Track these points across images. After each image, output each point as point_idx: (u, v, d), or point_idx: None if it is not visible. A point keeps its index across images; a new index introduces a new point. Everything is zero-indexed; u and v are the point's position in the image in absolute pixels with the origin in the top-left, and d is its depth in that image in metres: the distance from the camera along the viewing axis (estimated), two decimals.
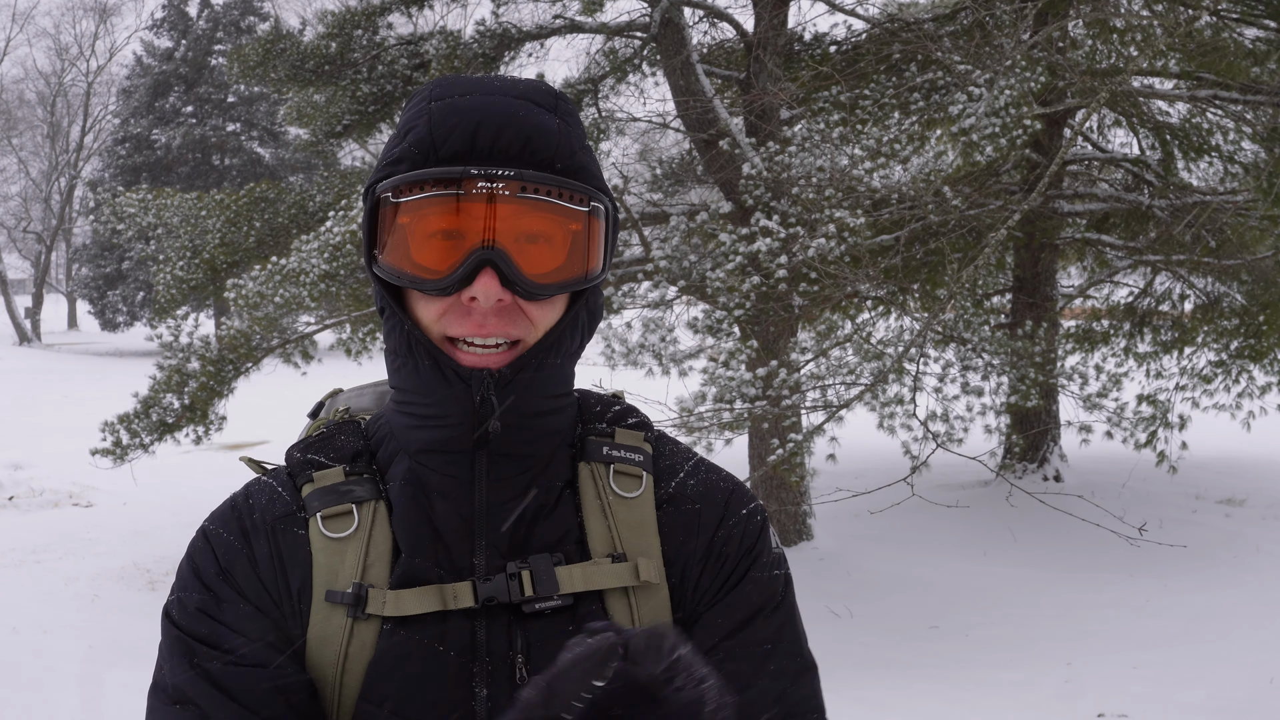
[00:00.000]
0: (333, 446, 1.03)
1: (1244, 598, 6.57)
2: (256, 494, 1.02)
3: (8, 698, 4.84)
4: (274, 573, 0.97)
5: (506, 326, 0.94)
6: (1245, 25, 7.78)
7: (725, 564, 1.02)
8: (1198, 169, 9.19)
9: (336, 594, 0.94)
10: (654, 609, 0.99)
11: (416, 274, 0.94)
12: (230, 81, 14.19)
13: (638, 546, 1.00)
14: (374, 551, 0.96)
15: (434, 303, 0.95)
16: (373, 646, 0.94)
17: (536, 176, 0.92)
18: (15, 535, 8.30)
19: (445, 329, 0.95)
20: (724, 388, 5.61)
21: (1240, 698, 4.91)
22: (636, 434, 1.06)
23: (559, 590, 0.95)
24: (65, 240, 37.71)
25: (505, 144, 0.92)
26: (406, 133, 0.95)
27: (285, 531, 0.98)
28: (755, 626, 1.00)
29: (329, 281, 6.87)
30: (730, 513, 1.04)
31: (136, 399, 7.27)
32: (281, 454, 1.09)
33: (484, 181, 0.90)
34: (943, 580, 7.10)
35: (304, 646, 0.95)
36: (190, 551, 1.00)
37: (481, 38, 8.24)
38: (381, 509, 0.98)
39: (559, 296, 0.97)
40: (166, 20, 29.73)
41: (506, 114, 0.93)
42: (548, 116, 0.95)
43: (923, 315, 7.29)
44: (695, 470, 1.07)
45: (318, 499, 0.99)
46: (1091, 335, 10.32)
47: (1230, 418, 9.01)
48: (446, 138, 0.92)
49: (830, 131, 6.50)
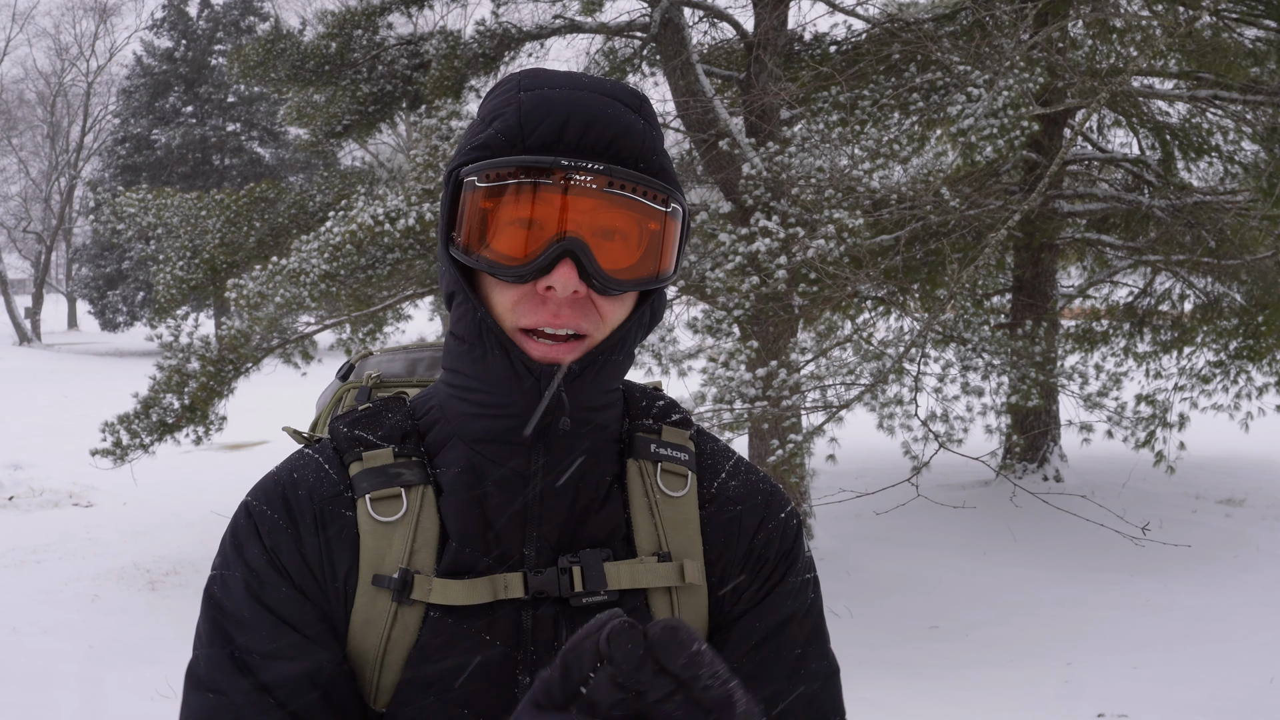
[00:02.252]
0: (381, 424, 1.03)
1: (1244, 598, 6.57)
2: (302, 470, 1.01)
3: (8, 698, 4.84)
4: (320, 553, 0.97)
5: (578, 319, 0.95)
6: (1245, 25, 7.79)
7: (764, 568, 1.04)
8: (1197, 169, 9.19)
9: (383, 578, 0.95)
10: (694, 609, 1.01)
11: (496, 259, 0.94)
12: (230, 81, 14.22)
13: (682, 546, 1.01)
14: (421, 537, 0.97)
15: (509, 290, 0.95)
16: (416, 631, 0.95)
17: (624, 173, 0.92)
18: (15, 535, 8.30)
19: (519, 318, 0.95)
20: (724, 388, 5.61)
21: (1240, 698, 4.91)
22: (681, 432, 1.07)
23: (607, 586, 0.96)
24: (65, 240, 37.70)
25: (593, 139, 0.92)
26: (492, 119, 0.95)
27: (333, 513, 0.98)
28: (789, 632, 1.02)
29: (329, 281, 6.86)
30: (770, 516, 1.07)
31: (136, 399, 7.27)
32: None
33: (573, 173, 0.91)
34: (943, 580, 7.11)
35: (346, 630, 0.96)
36: (234, 527, 1.00)
37: (481, 38, 8.24)
38: (429, 494, 0.99)
39: (628, 295, 0.98)
40: (166, 20, 29.71)
41: (596, 110, 0.93)
42: (634, 117, 0.95)
43: (923, 315, 7.30)
44: (736, 470, 1.09)
45: (366, 480, 0.98)
46: (1091, 335, 10.33)
47: (1229, 418, 9.01)
48: (535, 127, 0.92)
49: (830, 132, 6.50)
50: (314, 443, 1.08)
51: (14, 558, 7.62)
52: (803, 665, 1.02)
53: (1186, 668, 5.32)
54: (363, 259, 6.86)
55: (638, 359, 6.64)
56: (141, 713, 4.66)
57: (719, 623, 1.02)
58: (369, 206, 6.97)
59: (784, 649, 1.01)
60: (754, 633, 1.01)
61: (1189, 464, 8.90)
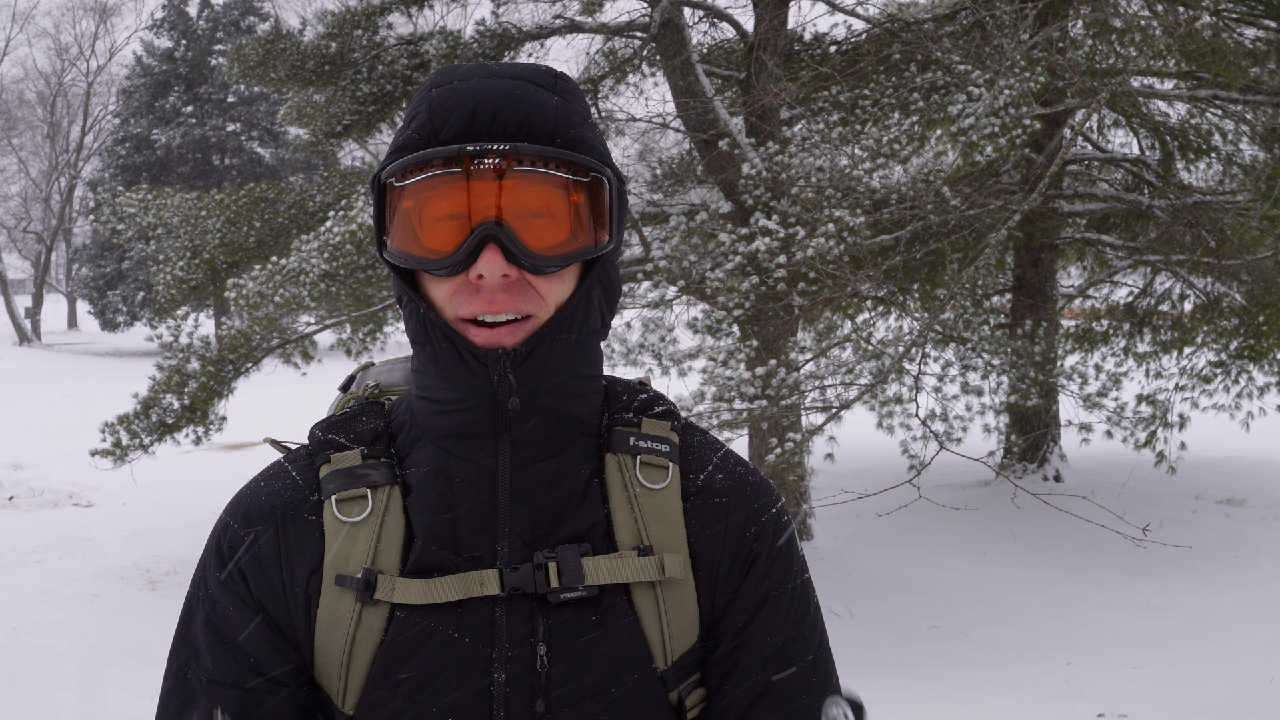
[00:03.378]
0: (354, 428, 1.04)
1: (1244, 598, 6.57)
2: (269, 479, 1.03)
3: (8, 698, 4.84)
4: (278, 558, 0.98)
5: (516, 302, 0.95)
6: (1245, 25, 7.78)
7: (757, 564, 1.02)
8: (1197, 170, 9.19)
9: (346, 578, 0.95)
10: (680, 602, 0.99)
11: (423, 255, 0.94)
12: (230, 81, 14.18)
13: (664, 539, 1.00)
14: (386, 538, 0.97)
15: (444, 284, 0.95)
16: (380, 632, 0.95)
17: (533, 149, 0.92)
18: (15, 535, 8.30)
19: (457, 309, 0.96)
20: (723, 387, 5.61)
21: (1240, 698, 4.91)
22: (663, 423, 1.06)
23: (584, 582, 0.95)
24: (65, 240, 37.71)
25: (503, 123, 0.93)
26: (409, 121, 0.96)
27: (295, 517, 0.99)
28: (798, 641, 1.02)
29: (329, 281, 6.86)
30: (761, 510, 1.05)
31: (136, 399, 7.27)
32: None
33: (480, 158, 0.91)
34: (943, 580, 7.10)
35: (312, 634, 0.97)
36: (208, 544, 1.03)
37: (481, 38, 8.24)
38: (396, 494, 0.99)
39: (570, 272, 0.97)
40: (166, 20, 29.71)
41: (503, 94, 0.94)
42: (545, 94, 0.95)
43: (923, 315, 7.29)
44: (723, 463, 1.07)
45: (333, 482, 0.99)
46: (1091, 335, 10.33)
47: (1229, 418, 9.01)
48: (445, 120, 0.93)
49: (830, 131, 6.50)
50: (294, 451, 1.08)
51: (14, 558, 7.62)
52: (814, 674, 1.02)
53: (1186, 668, 5.32)
54: (363, 259, 6.86)
55: (636, 359, 6.64)
56: (141, 713, 4.65)
57: (711, 618, 1.01)
58: (369, 206, 6.97)
59: (793, 656, 1.01)
60: (755, 643, 1.01)
61: (1189, 464, 8.89)
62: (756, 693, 0.99)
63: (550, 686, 0.94)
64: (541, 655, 0.94)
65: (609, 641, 0.96)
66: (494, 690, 0.94)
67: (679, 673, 0.99)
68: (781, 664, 1.00)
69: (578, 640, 0.95)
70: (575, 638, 0.95)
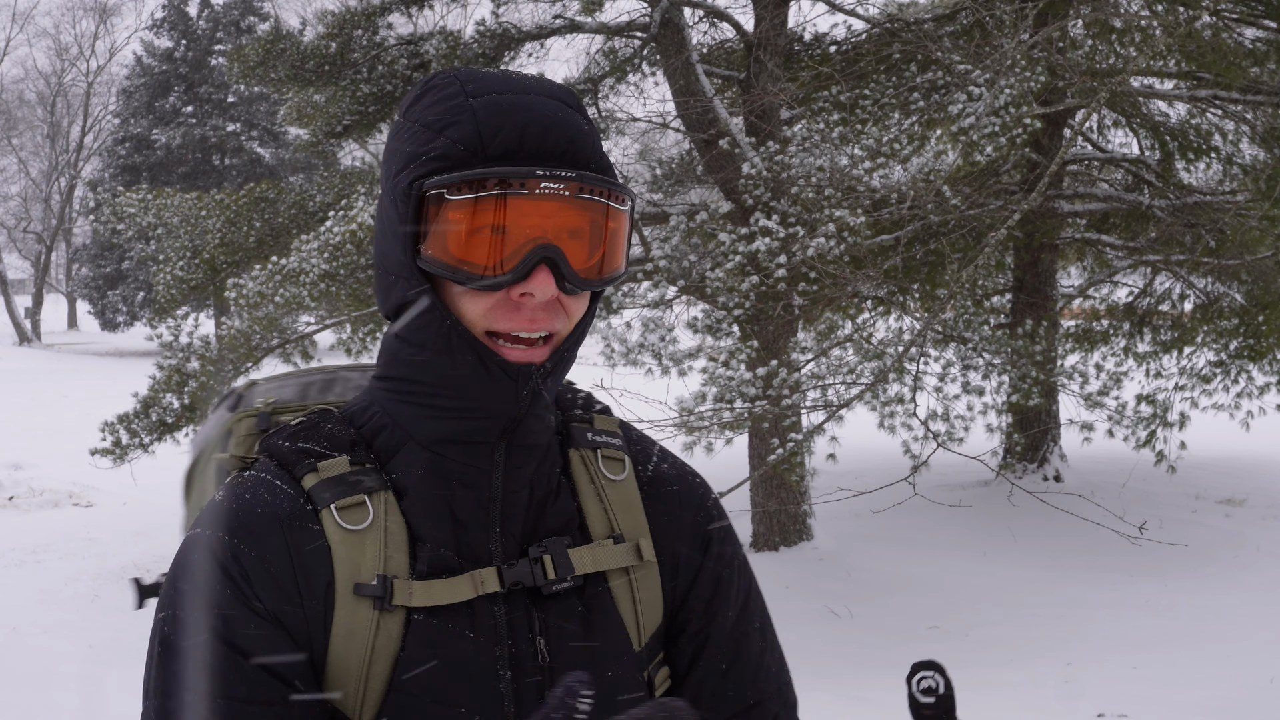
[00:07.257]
0: (324, 436, 1.02)
1: (1244, 598, 6.57)
2: (255, 491, 0.98)
3: (8, 698, 4.84)
4: (293, 572, 0.94)
5: (552, 321, 0.97)
6: (1245, 25, 7.79)
7: (712, 544, 1.11)
8: (1197, 170, 9.20)
9: (364, 587, 0.94)
10: (650, 586, 1.06)
11: (467, 268, 0.94)
12: (230, 81, 14.21)
13: (631, 527, 1.07)
14: (392, 542, 0.97)
15: (480, 298, 0.95)
16: (399, 638, 0.94)
17: (593, 178, 0.95)
18: (15, 535, 8.30)
19: (491, 323, 0.96)
20: (724, 387, 5.61)
21: (1240, 698, 4.91)
22: (611, 419, 1.13)
23: (574, 572, 1.00)
24: (65, 240, 37.73)
25: (551, 145, 0.94)
26: (442, 128, 0.95)
27: (301, 528, 0.96)
28: (750, 609, 1.12)
29: (329, 281, 6.86)
30: (706, 495, 1.15)
31: (136, 399, 7.27)
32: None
33: (548, 182, 0.93)
34: (943, 580, 7.10)
35: (327, 645, 0.94)
36: (186, 562, 0.95)
37: (481, 38, 8.24)
38: (390, 498, 0.99)
39: (585, 291, 1.00)
40: (166, 20, 29.72)
41: (549, 115, 0.95)
42: (578, 118, 0.98)
43: (923, 315, 7.30)
44: (663, 455, 1.15)
45: (327, 490, 0.97)
46: (1091, 335, 10.33)
47: (1229, 418, 9.01)
48: (494, 136, 0.93)
49: (830, 131, 6.50)
50: (247, 466, 1.03)
51: (14, 558, 7.62)
52: (764, 636, 1.12)
53: (1186, 668, 5.32)
54: (363, 259, 6.86)
55: (638, 360, 6.66)
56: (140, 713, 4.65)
57: (673, 600, 1.08)
58: (369, 206, 6.97)
59: (748, 626, 1.11)
60: (725, 620, 1.09)
61: (1189, 464, 8.89)
62: (729, 660, 1.08)
63: (553, 678, 0.97)
64: (541, 648, 0.98)
65: (597, 629, 1.01)
66: (502, 689, 0.96)
67: (649, 654, 1.06)
68: (744, 631, 1.10)
69: (570, 631, 0.99)
70: (567, 628, 0.99)
